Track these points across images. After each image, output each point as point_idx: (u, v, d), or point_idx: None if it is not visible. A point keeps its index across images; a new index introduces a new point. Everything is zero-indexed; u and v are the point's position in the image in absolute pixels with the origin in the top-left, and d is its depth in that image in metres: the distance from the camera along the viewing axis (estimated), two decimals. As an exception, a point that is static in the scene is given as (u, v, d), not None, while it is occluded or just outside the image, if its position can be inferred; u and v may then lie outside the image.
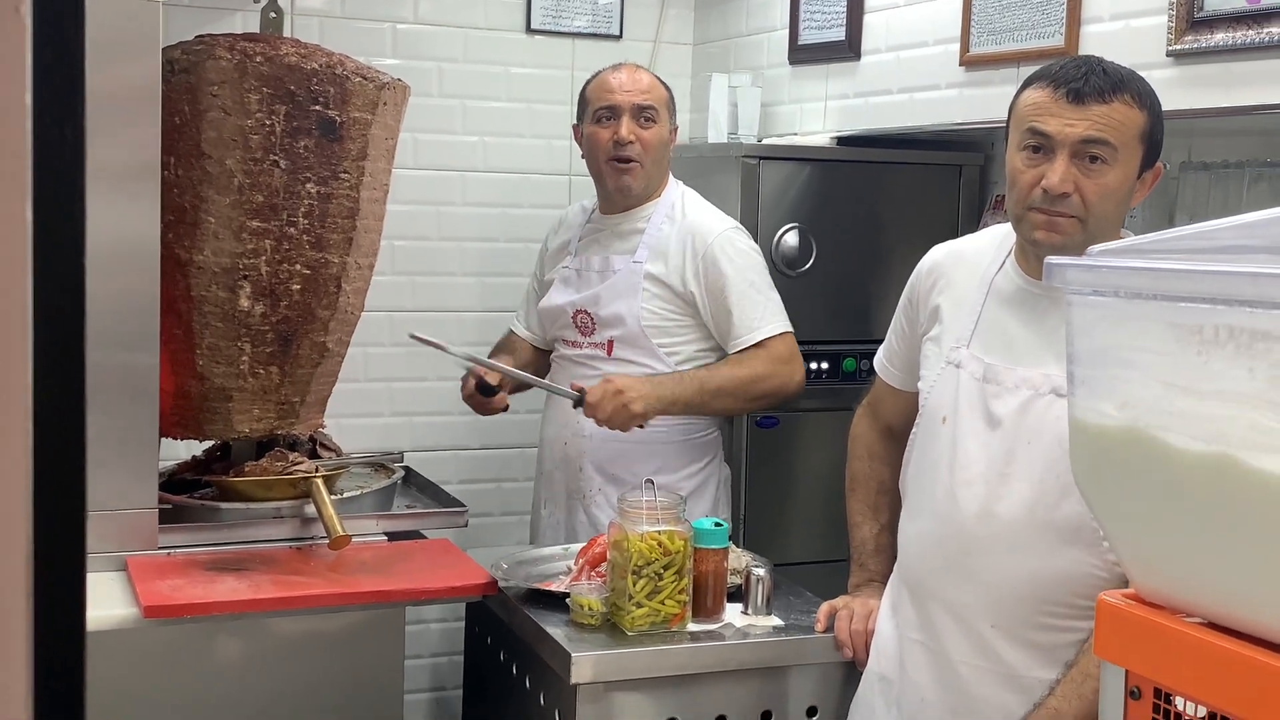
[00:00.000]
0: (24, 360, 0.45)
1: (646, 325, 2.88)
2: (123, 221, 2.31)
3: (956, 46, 2.90)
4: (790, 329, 2.88)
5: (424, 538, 2.74)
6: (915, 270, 2.25)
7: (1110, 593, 1.13)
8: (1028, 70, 2.18)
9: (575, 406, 2.79)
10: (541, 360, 3.15)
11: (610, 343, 2.93)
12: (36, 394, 0.45)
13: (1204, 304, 1.02)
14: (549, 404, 3.11)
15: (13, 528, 0.47)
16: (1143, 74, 1.99)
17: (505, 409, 3.03)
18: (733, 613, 2.33)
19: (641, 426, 2.77)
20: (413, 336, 2.75)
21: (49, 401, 0.45)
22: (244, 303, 2.52)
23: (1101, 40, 2.50)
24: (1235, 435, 1.00)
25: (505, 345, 3.21)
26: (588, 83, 3.03)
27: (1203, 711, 1.08)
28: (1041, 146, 1.93)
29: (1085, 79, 1.91)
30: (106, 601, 2.22)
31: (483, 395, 2.93)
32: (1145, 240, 1.18)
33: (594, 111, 2.96)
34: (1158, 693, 1.11)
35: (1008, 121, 2.03)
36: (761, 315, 2.85)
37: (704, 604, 2.29)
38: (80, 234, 0.44)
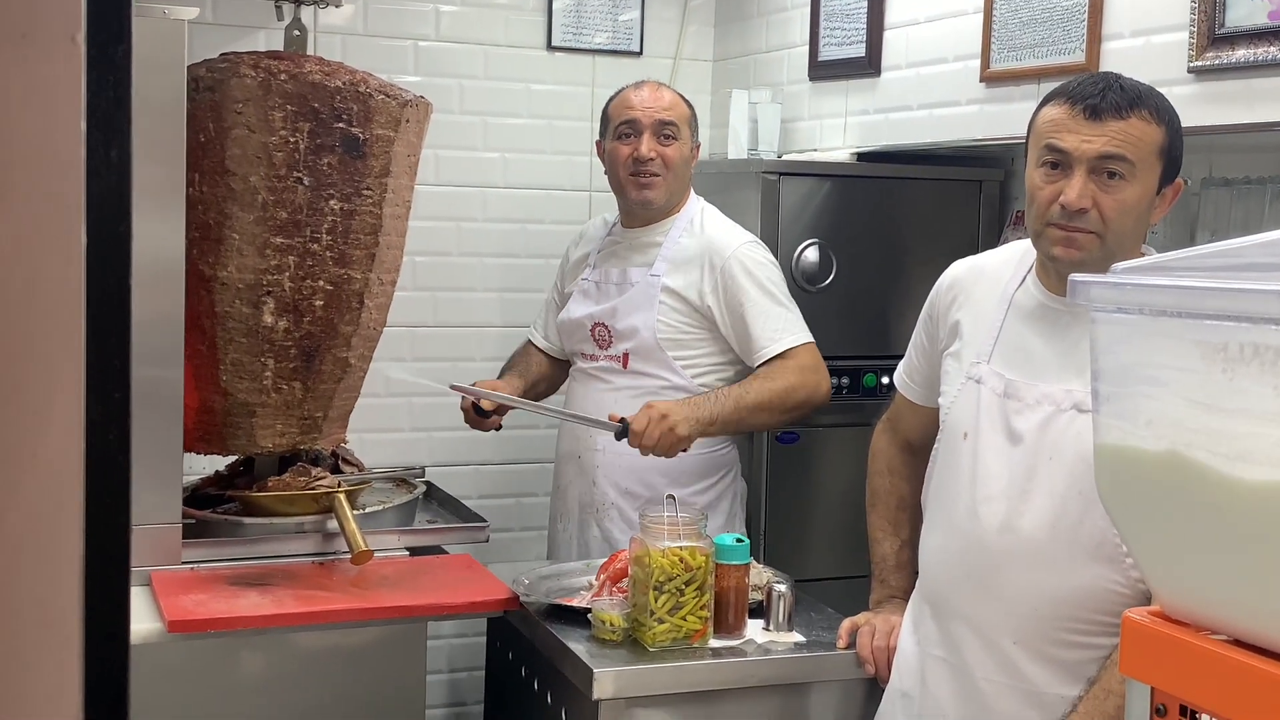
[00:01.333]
0: (78, 373, 0.46)
1: (662, 338, 2.89)
2: (148, 238, 2.33)
3: (977, 62, 2.90)
4: (811, 339, 2.88)
5: (445, 553, 2.74)
6: (936, 286, 2.26)
7: (1135, 610, 1.13)
8: (1048, 86, 2.18)
9: (619, 438, 2.72)
10: (558, 371, 3.17)
11: (626, 355, 2.94)
12: (89, 408, 0.46)
13: (1229, 321, 1.03)
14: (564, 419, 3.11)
15: (68, 544, 0.48)
16: (1163, 90, 1.99)
17: (498, 428, 3.07)
18: (754, 629, 2.33)
19: (685, 450, 2.75)
20: (453, 388, 2.85)
21: (99, 415, 0.46)
22: (267, 318, 2.53)
23: (1122, 56, 2.50)
24: (1261, 452, 1.00)
25: (521, 355, 3.22)
26: (610, 99, 3.04)
27: (1228, 729, 1.08)
28: (1059, 163, 1.94)
29: (1102, 95, 1.91)
30: (131, 616, 2.23)
31: (477, 414, 2.95)
32: (1169, 258, 1.18)
33: (615, 127, 2.97)
34: (1183, 710, 1.11)
35: (1027, 138, 2.03)
36: (783, 326, 2.85)
37: (725, 620, 2.29)
38: (127, 252, 0.45)
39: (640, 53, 3.86)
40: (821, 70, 3.46)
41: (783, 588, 2.36)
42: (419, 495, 2.90)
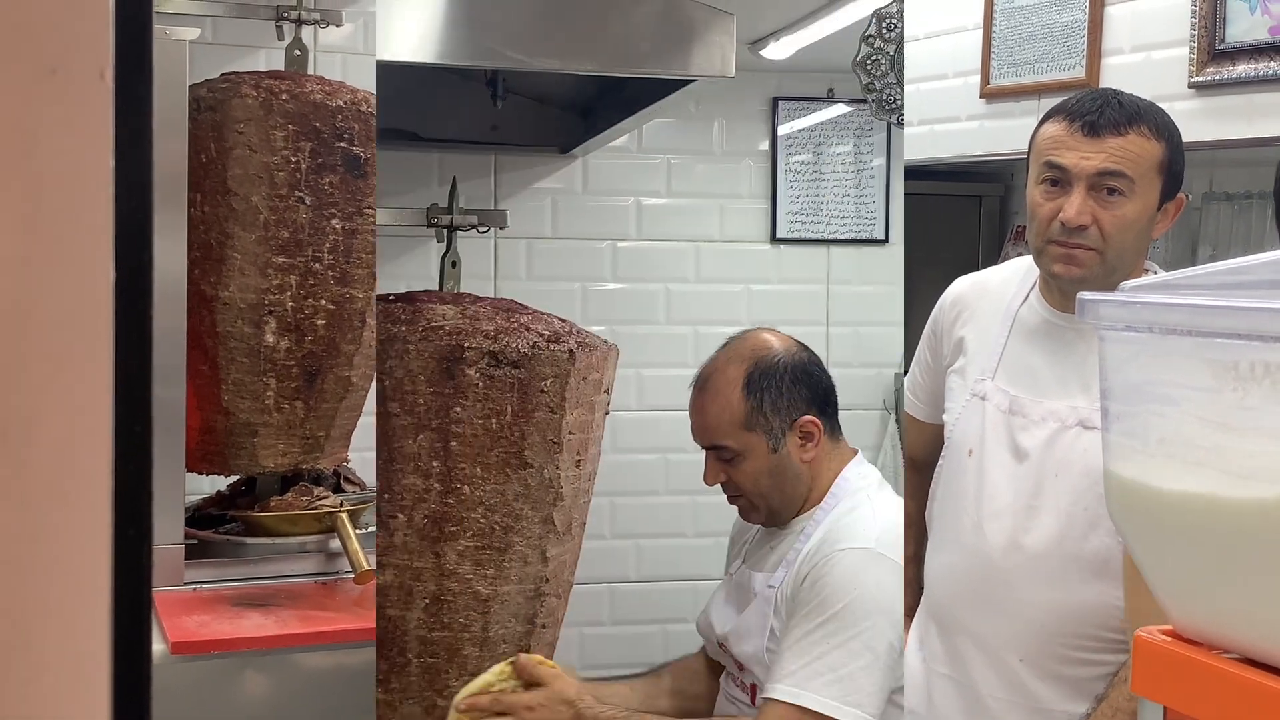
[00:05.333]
0: (107, 405, 0.46)
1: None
2: (149, 258, 2.33)
3: (977, 78, 2.91)
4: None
5: (448, 572, 2.73)
6: (939, 302, 2.26)
7: (1147, 629, 1.13)
8: (1048, 102, 2.19)
9: None
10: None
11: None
12: (116, 427, 0.46)
13: (1239, 340, 1.02)
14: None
15: (97, 565, 0.47)
16: (1164, 105, 2.00)
17: None
18: (759, 646, 2.32)
19: None
20: None
21: (126, 435, 0.46)
22: (269, 338, 2.53)
23: (1123, 72, 2.51)
24: (1273, 471, 1.00)
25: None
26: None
27: (1242, 748, 1.07)
28: (1059, 180, 1.94)
29: (1101, 111, 1.91)
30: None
31: None
32: (1176, 276, 1.18)
33: None
34: (1196, 729, 1.11)
35: (1028, 155, 2.03)
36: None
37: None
38: (149, 281, 0.45)
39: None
40: (821, 86, 3.47)
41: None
42: (421, 514, 2.89)
